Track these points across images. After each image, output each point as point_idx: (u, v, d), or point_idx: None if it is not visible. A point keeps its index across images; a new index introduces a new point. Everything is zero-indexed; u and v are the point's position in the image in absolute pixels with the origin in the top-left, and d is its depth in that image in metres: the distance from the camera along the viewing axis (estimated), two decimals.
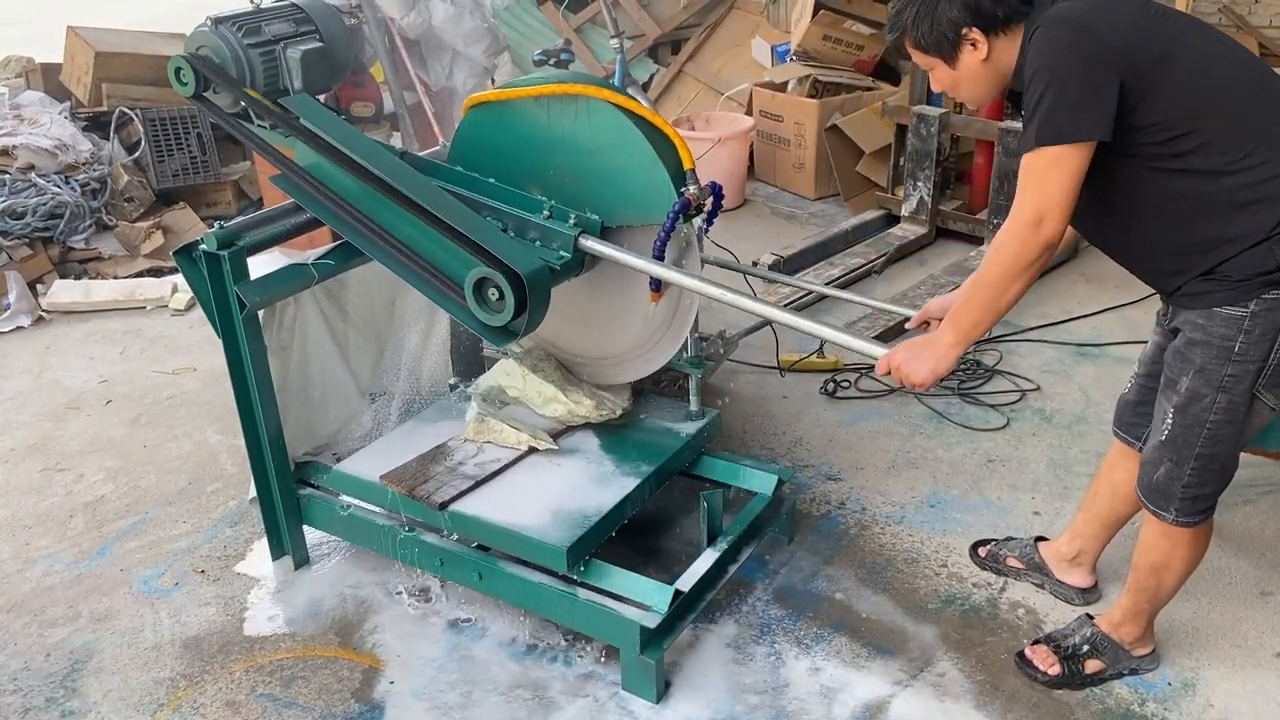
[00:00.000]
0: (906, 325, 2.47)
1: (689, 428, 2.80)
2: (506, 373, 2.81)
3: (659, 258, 2.36)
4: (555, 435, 2.73)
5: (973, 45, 2.01)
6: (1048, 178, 1.89)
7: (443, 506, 2.48)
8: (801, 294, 4.23)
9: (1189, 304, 2.02)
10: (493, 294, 2.24)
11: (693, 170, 2.37)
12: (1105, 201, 2.03)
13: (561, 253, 2.38)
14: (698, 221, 2.45)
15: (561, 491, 2.54)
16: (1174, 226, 1.99)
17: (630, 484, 2.56)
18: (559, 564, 2.37)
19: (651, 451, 2.70)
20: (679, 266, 2.41)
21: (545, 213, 2.41)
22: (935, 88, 2.13)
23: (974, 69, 2.04)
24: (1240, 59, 1.98)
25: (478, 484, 2.56)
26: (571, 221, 2.38)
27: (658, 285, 2.46)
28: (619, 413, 2.78)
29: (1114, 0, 1.96)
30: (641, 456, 2.67)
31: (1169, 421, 2.10)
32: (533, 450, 2.67)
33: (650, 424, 2.82)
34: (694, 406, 2.85)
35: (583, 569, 2.42)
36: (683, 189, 2.35)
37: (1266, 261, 1.91)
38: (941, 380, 2.09)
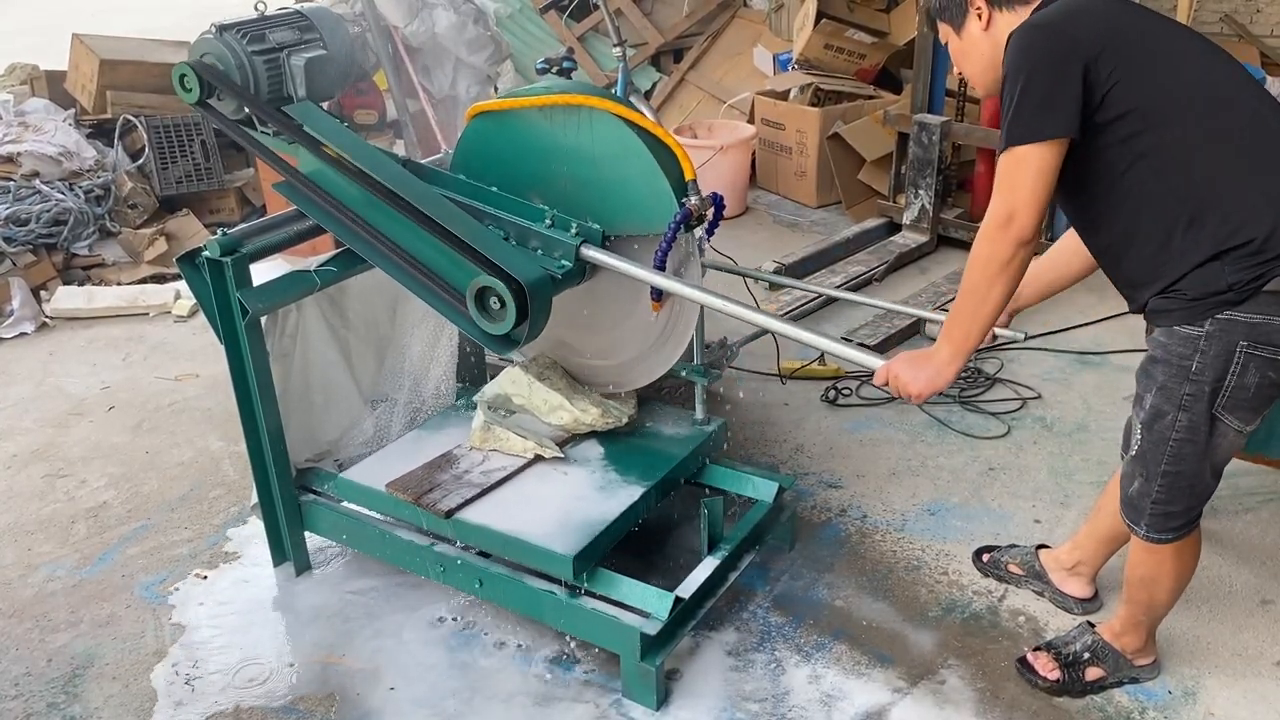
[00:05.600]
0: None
1: (695, 436, 2.80)
2: (512, 381, 2.81)
3: (660, 268, 2.37)
4: (561, 443, 2.73)
5: (978, 14, 2.06)
6: (1015, 177, 1.93)
7: (449, 514, 2.49)
8: (804, 301, 4.24)
9: (1154, 320, 2.06)
10: (494, 302, 2.26)
11: (694, 181, 2.38)
12: (1085, 204, 2.07)
13: (563, 261, 2.39)
14: (699, 232, 2.47)
15: (567, 500, 2.54)
16: (1136, 232, 1.99)
17: (636, 492, 2.56)
18: (565, 572, 2.37)
19: (657, 460, 2.69)
20: (679, 276, 2.42)
21: (547, 221, 2.42)
22: (954, 62, 2.23)
23: (975, 38, 2.09)
24: (1219, 69, 1.98)
25: (484, 492, 2.56)
26: (573, 231, 2.39)
27: (658, 295, 2.48)
28: (625, 421, 2.78)
29: (1094, 3, 1.98)
30: (647, 465, 2.67)
31: (1137, 437, 2.12)
32: (538, 458, 2.67)
33: (656, 432, 2.82)
34: (700, 415, 2.86)
35: (588, 577, 2.42)
36: (684, 200, 2.36)
37: (1218, 281, 1.91)
38: (939, 392, 2.10)
